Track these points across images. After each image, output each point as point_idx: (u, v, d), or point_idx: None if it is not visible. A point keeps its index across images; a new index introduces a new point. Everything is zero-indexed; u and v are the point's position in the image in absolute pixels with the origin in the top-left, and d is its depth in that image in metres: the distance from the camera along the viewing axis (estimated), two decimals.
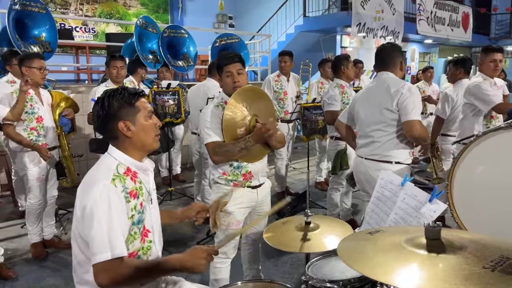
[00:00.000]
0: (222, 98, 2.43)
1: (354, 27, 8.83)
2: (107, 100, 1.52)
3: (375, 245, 1.14)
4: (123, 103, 1.53)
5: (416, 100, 2.55)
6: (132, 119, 1.55)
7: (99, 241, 1.38)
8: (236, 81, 2.34)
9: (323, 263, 1.69)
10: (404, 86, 2.57)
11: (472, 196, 2.18)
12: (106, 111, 1.51)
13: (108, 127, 1.54)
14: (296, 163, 6.99)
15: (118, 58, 4.09)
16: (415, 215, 1.56)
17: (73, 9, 9.71)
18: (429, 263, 1.02)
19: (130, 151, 1.57)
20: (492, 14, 14.83)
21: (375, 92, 2.72)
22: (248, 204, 2.44)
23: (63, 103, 3.65)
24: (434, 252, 1.05)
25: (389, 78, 2.67)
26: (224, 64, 2.37)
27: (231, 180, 2.40)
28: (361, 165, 2.78)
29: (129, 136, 1.55)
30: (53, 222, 3.80)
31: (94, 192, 1.42)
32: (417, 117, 2.53)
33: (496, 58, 3.41)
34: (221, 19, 12.30)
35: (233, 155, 2.30)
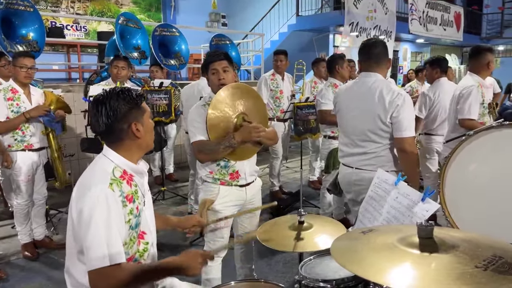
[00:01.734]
0: (210, 97, 2.39)
1: (347, 26, 8.85)
2: (115, 101, 1.49)
3: (367, 245, 1.14)
4: (132, 104, 1.52)
5: (411, 113, 2.38)
6: (141, 120, 1.54)
7: (96, 247, 1.35)
8: (221, 78, 2.31)
9: (316, 263, 1.68)
10: (399, 96, 2.34)
11: (464, 195, 2.19)
12: (116, 112, 1.48)
13: (117, 129, 1.51)
14: (289, 162, 6.99)
15: (121, 58, 4.12)
16: (408, 214, 1.57)
17: (64, 7, 9.61)
18: (422, 263, 1.02)
19: (131, 153, 1.55)
20: (483, 14, 14.95)
21: (364, 96, 2.46)
22: (236, 202, 2.41)
23: (53, 105, 3.55)
24: (427, 251, 1.05)
25: (380, 82, 2.43)
26: (210, 61, 2.34)
27: (218, 179, 2.37)
28: (352, 175, 2.55)
29: (139, 137, 1.53)
30: (44, 223, 3.76)
31: (91, 196, 1.39)
32: (412, 133, 2.35)
33: (492, 59, 3.36)
34: (214, 18, 12.26)
35: (217, 154, 2.27)
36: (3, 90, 3.33)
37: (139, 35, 5.96)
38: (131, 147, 1.55)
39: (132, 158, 1.56)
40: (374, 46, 2.48)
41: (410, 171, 2.34)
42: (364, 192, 2.45)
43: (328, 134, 3.99)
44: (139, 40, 5.95)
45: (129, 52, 5.69)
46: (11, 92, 3.34)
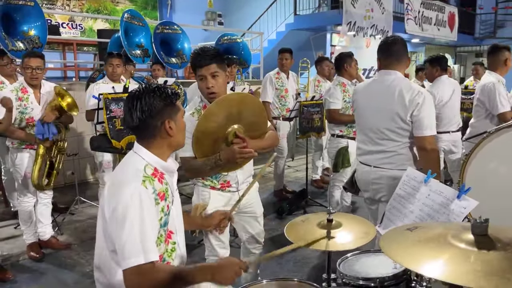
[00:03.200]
0: (201, 102, 2.20)
1: (344, 25, 8.87)
2: (150, 97, 1.46)
3: (419, 241, 1.13)
4: (167, 102, 1.50)
5: (432, 111, 2.34)
6: (174, 118, 1.52)
7: (131, 245, 1.33)
8: (209, 86, 2.06)
9: (355, 260, 1.67)
10: (420, 94, 2.30)
11: (484, 193, 2.17)
12: (151, 108, 1.46)
13: (150, 125, 1.48)
14: (291, 161, 6.99)
15: (115, 56, 4.02)
16: (443, 211, 1.56)
17: (60, 5, 9.49)
18: (482, 260, 1.01)
19: (162, 151, 1.53)
20: (477, 14, 15.10)
21: (383, 94, 2.43)
22: (229, 206, 2.27)
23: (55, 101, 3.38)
24: (484, 248, 1.04)
25: (400, 81, 2.40)
26: (196, 66, 2.09)
27: (208, 184, 2.27)
28: (370, 173, 2.51)
29: (171, 135, 1.51)
30: (49, 223, 3.70)
31: (125, 194, 1.37)
32: (432, 131, 2.31)
33: (509, 57, 3.41)
34: (210, 17, 12.22)
35: (204, 173, 2.15)
36: (15, 90, 3.28)
37: (142, 33, 5.88)
38: (162, 145, 1.53)
39: (162, 156, 1.54)
40: (394, 43, 2.45)
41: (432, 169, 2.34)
42: (382, 190, 2.47)
43: (336, 133, 3.97)
44: (142, 38, 5.86)
45: (132, 49, 5.61)
46: (21, 91, 3.29)
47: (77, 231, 4.10)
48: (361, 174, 2.62)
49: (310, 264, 3.44)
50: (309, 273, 3.31)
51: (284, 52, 4.99)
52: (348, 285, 1.48)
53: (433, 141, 2.33)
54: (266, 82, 5.02)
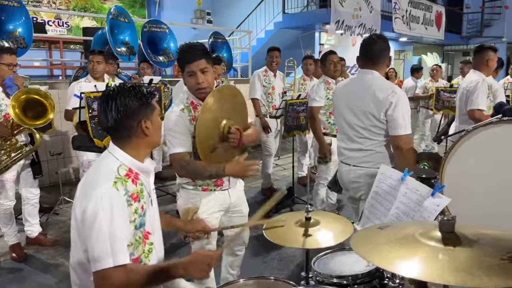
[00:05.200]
0: (188, 98, 2.16)
1: (332, 24, 8.91)
2: (126, 97, 1.45)
3: (389, 239, 1.14)
4: (143, 101, 1.48)
5: (406, 110, 2.33)
6: (150, 118, 1.51)
7: (100, 248, 1.32)
8: (200, 82, 2.05)
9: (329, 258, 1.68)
10: (393, 94, 2.30)
11: (463, 190, 2.22)
12: (126, 108, 1.44)
13: (126, 125, 1.47)
14: (278, 159, 7.00)
15: (96, 53, 3.95)
16: (418, 209, 1.57)
17: (46, 2, 9.38)
18: (449, 255, 1.02)
19: (138, 150, 1.52)
20: (464, 13, 15.27)
21: (359, 93, 2.45)
22: (220, 208, 2.29)
23: None
24: (450, 245, 1.06)
25: (375, 80, 2.41)
26: (185, 62, 2.05)
27: (200, 185, 2.22)
28: (350, 172, 2.53)
29: (148, 134, 1.50)
30: (37, 221, 3.69)
31: (95, 196, 1.35)
32: (408, 131, 2.32)
33: (492, 57, 3.44)
34: (199, 15, 12.17)
35: (201, 178, 2.10)
36: None
37: (128, 30, 5.82)
38: (138, 145, 1.51)
39: (138, 156, 1.52)
40: (375, 43, 2.46)
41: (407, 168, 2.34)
42: (362, 189, 2.49)
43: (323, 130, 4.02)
44: (128, 35, 5.81)
45: (118, 47, 5.56)
46: None
47: (61, 231, 4.06)
48: (341, 173, 2.63)
49: (295, 261, 3.45)
50: (293, 271, 3.32)
51: (274, 50, 5.02)
52: (322, 283, 1.48)
53: (408, 140, 2.33)
54: (254, 79, 5.05)
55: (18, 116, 3.12)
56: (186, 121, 2.07)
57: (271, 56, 4.99)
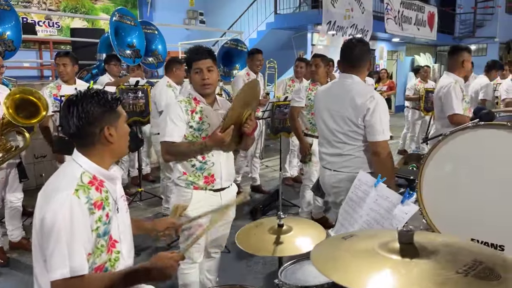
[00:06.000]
0: (190, 94, 2.32)
1: (324, 25, 8.90)
2: (88, 103, 1.42)
3: (348, 251, 1.12)
4: (107, 107, 1.45)
5: (384, 116, 2.31)
6: (115, 124, 1.47)
7: (57, 257, 1.30)
8: (205, 78, 2.23)
9: (296, 268, 1.66)
10: (371, 100, 2.29)
11: (441, 194, 2.21)
12: (89, 114, 1.41)
13: (88, 132, 1.44)
14: (268, 161, 6.98)
15: (61, 55, 3.80)
16: (388, 216, 1.56)
17: (36, 3, 9.31)
18: (403, 269, 1.01)
19: (103, 158, 1.48)
20: (456, 14, 15.31)
21: (339, 97, 2.43)
22: (210, 208, 2.28)
23: None
24: (408, 256, 1.04)
25: (355, 85, 2.39)
26: (194, 60, 2.25)
27: (191, 182, 2.29)
28: (331, 177, 2.51)
29: (111, 141, 1.46)
30: (20, 225, 3.66)
31: (54, 203, 1.33)
32: (386, 136, 2.31)
33: (467, 58, 3.40)
34: (191, 15, 12.13)
35: (186, 157, 2.27)
36: None
37: (134, 33, 5.81)
38: (102, 152, 1.48)
39: (103, 163, 1.49)
40: (352, 47, 2.44)
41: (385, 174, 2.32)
42: (342, 194, 2.44)
43: (304, 131, 4.04)
44: (134, 38, 5.79)
45: (123, 49, 5.54)
46: None
47: None
48: (323, 178, 2.62)
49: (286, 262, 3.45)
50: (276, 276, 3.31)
51: (258, 53, 5.04)
52: None
53: (386, 145, 2.32)
54: (238, 82, 5.03)
55: (11, 115, 3.08)
56: (182, 111, 2.24)
57: (254, 59, 5.00)
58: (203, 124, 2.28)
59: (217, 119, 2.31)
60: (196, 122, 2.26)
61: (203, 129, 2.28)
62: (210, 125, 2.29)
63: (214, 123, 2.29)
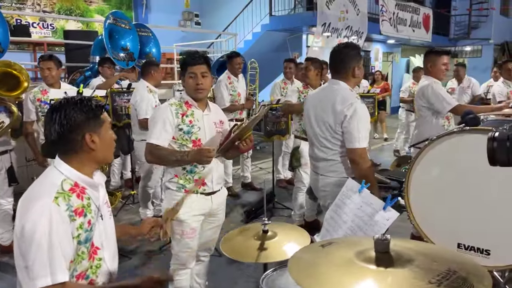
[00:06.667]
0: (182, 98, 2.34)
1: (319, 26, 8.92)
2: (71, 109, 1.42)
3: (325, 259, 1.13)
4: (90, 114, 1.44)
5: (362, 123, 2.30)
6: (98, 132, 1.46)
7: (38, 266, 1.29)
8: (199, 83, 2.26)
9: (279, 274, 1.67)
10: (349, 106, 2.29)
11: (428, 198, 2.22)
12: (71, 121, 1.41)
13: (70, 139, 1.43)
14: (262, 163, 6.98)
15: (46, 58, 3.71)
16: (370, 223, 1.56)
17: (30, 4, 9.29)
18: (378, 278, 1.01)
19: (85, 165, 1.48)
20: (452, 15, 15.36)
21: (323, 103, 2.45)
22: (202, 211, 2.35)
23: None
24: (383, 266, 1.04)
25: (340, 91, 2.39)
26: (189, 64, 2.28)
27: (182, 185, 2.30)
28: (318, 181, 2.53)
29: (93, 149, 1.46)
30: (10, 228, 3.63)
31: (34, 211, 1.32)
32: (363, 144, 2.29)
33: (447, 61, 3.42)
34: (187, 17, 12.12)
35: (167, 163, 2.33)
36: None
37: (128, 36, 5.81)
38: (85, 159, 1.47)
39: (85, 170, 1.48)
40: (336, 52, 2.45)
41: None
42: (328, 198, 2.46)
43: (295, 133, 4.09)
44: (128, 41, 5.78)
45: (116, 52, 5.53)
46: None
47: None
48: (312, 182, 2.65)
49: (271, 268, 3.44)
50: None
51: (237, 56, 5.10)
52: None
53: (362, 153, 2.29)
54: (220, 87, 5.01)
55: None
56: (172, 114, 2.26)
57: (236, 63, 5.03)
58: (193, 128, 2.30)
59: (207, 123, 2.34)
60: (186, 125, 2.28)
61: (193, 132, 2.29)
62: (200, 128, 2.31)
63: (204, 127, 2.32)
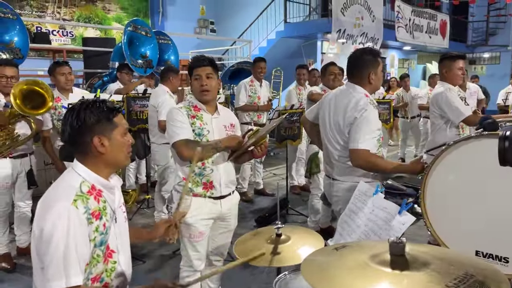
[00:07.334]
0: (191, 102, 2.37)
1: (334, 33, 8.90)
2: (83, 111, 1.44)
3: (339, 262, 1.11)
4: (101, 117, 1.45)
5: (368, 127, 2.26)
6: (108, 135, 1.47)
7: (54, 268, 1.31)
8: (203, 84, 2.28)
9: (292, 278, 1.65)
10: (361, 111, 2.28)
11: (445, 205, 2.18)
12: (81, 123, 1.43)
13: (80, 141, 1.45)
14: (276, 169, 6.97)
15: (63, 64, 3.78)
16: (385, 227, 1.54)
17: (50, 12, 9.52)
18: (393, 281, 0.99)
19: (99, 168, 1.49)
20: (469, 22, 15.17)
21: (337, 106, 2.44)
22: (210, 216, 2.34)
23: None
24: (398, 269, 1.03)
25: (354, 95, 2.37)
26: (193, 66, 2.32)
27: (190, 189, 2.29)
28: (331, 185, 2.50)
29: (102, 152, 1.46)
30: (28, 230, 3.69)
31: (53, 214, 1.34)
32: (365, 145, 2.24)
33: (462, 66, 3.34)
34: (202, 24, 12.25)
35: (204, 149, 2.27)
36: None
37: (149, 44, 5.92)
38: (96, 162, 1.48)
39: (101, 172, 1.49)
40: (353, 57, 2.45)
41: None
42: (340, 203, 2.44)
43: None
44: (148, 49, 5.89)
45: (135, 59, 5.62)
46: None
47: None
48: (325, 186, 2.62)
49: None
50: None
51: (260, 61, 5.22)
52: None
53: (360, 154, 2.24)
54: (240, 88, 5.21)
55: (18, 105, 3.13)
56: (184, 115, 2.30)
57: (257, 67, 5.18)
58: (203, 131, 2.31)
59: (216, 126, 2.34)
60: (197, 127, 2.30)
61: (204, 135, 2.31)
62: (209, 131, 2.32)
63: (213, 130, 2.33)
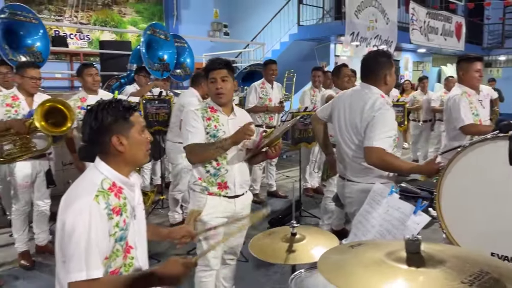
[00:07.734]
0: (208, 104, 2.42)
1: (347, 36, 8.89)
2: (101, 112, 1.49)
3: (355, 259, 1.14)
4: (118, 117, 1.50)
5: (386, 127, 2.27)
6: (126, 134, 1.51)
7: (75, 260, 1.36)
8: (218, 87, 2.31)
9: (307, 276, 1.67)
10: (379, 110, 2.28)
11: (460, 207, 2.17)
12: (99, 123, 1.48)
13: (100, 140, 1.50)
14: (289, 171, 6.98)
15: (90, 65, 3.93)
16: (400, 227, 1.56)
17: (68, 16, 9.72)
18: (409, 278, 1.01)
19: (119, 166, 1.53)
20: (485, 24, 14.98)
21: (352, 107, 2.44)
22: (224, 214, 2.37)
23: None
24: (414, 266, 1.04)
25: (370, 96, 2.37)
26: (209, 69, 2.35)
27: (206, 188, 2.35)
28: (344, 187, 2.51)
29: (121, 151, 1.51)
30: (47, 229, 3.80)
31: (75, 209, 1.39)
32: (382, 144, 2.23)
33: (480, 68, 3.31)
34: (216, 27, 12.36)
35: (208, 153, 2.29)
36: (2, 96, 3.40)
37: (167, 47, 6.01)
38: (117, 161, 1.53)
39: (121, 170, 1.55)
40: (368, 58, 2.46)
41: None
42: (354, 204, 2.45)
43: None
44: (166, 52, 5.98)
45: (152, 63, 5.71)
46: (11, 98, 3.40)
47: None
48: (338, 188, 2.62)
49: None
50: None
51: (271, 63, 5.23)
52: None
53: (374, 152, 2.23)
54: (251, 90, 5.23)
55: (38, 121, 3.25)
56: (199, 117, 2.34)
57: (269, 69, 5.19)
58: (218, 132, 2.34)
59: (233, 127, 2.36)
60: (212, 129, 2.34)
61: (219, 136, 2.34)
62: (225, 133, 2.35)
63: (229, 131, 2.35)
